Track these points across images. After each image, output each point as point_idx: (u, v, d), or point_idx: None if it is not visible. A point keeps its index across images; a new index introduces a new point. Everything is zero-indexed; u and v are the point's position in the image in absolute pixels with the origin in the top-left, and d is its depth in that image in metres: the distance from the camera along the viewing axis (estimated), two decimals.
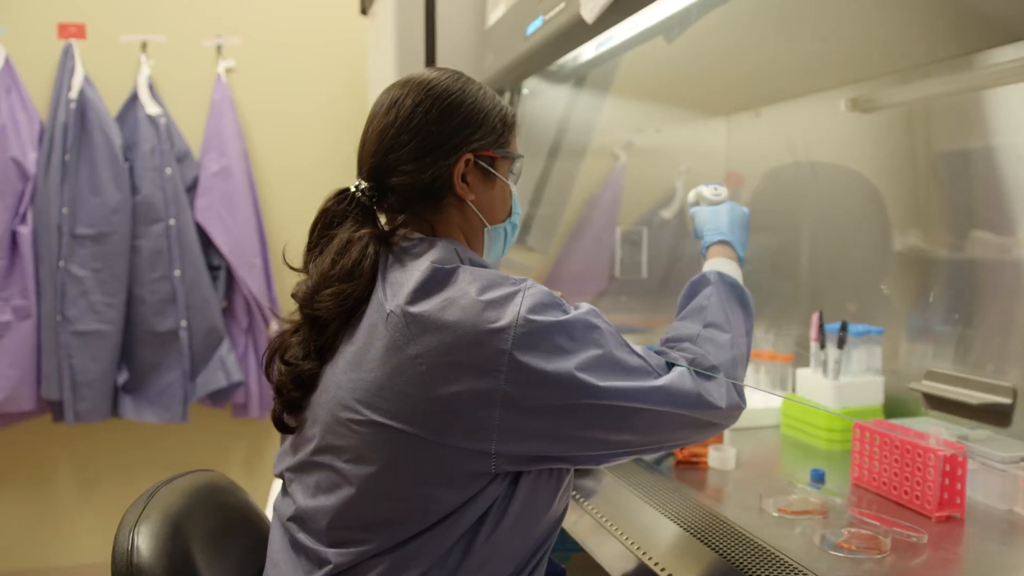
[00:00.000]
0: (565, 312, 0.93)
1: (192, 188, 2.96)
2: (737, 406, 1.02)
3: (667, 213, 2.42)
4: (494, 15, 2.00)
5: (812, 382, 1.62)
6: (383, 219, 1.06)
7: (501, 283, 0.92)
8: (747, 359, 1.09)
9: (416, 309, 0.90)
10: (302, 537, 0.98)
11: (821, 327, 1.60)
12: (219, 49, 3.03)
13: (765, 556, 1.03)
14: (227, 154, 2.97)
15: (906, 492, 1.21)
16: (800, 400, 1.62)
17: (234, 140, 2.99)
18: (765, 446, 1.60)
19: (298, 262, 1.06)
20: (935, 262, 1.59)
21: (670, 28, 1.50)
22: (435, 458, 0.90)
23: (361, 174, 1.04)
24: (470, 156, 1.02)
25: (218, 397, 3.01)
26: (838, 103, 1.74)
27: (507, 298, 0.90)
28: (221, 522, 1.12)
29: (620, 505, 1.28)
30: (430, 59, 2.20)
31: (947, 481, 1.17)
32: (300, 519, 0.99)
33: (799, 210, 1.95)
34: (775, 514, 1.19)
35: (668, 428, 0.97)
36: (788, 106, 1.98)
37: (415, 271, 0.93)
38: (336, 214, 1.02)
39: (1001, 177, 1.45)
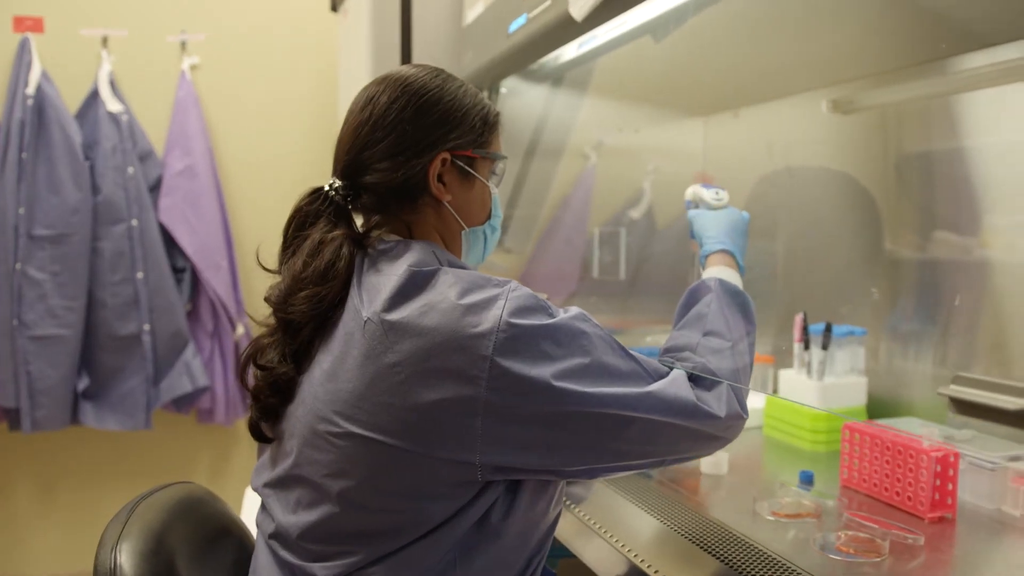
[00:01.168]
0: (551, 316, 0.89)
1: (155, 188, 2.87)
2: (738, 416, 0.98)
3: (635, 213, 2.42)
4: (473, 12, 1.97)
5: (796, 383, 1.63)
6: (359, 220, 1.02)
7: (483, 285, 0.89)
8: (750, 369, 1.06)
9: (394, 316, 0.86)
10: (286, 555, 0.94)
11: (805, 328, 1.60)
12: (183, 45, 2.95)
13: (766, 561, 1.02)
14: (192, 153, 2.89)
15: (898, 493, 1.21)
16: (798, 402, 1.61)
17: (199, 138, 2.91)
18: (749, 448, 1.59)
19: (271, 263, 1.02)
20: (912, 263, 1.60)
21: (657, 27, 1.49)
22: (418, 470, 0.87)
23: (336, 172, 1.01)
24: (446, 155, 0.98)
25: (183, 403, 2.93)
26: (817, 104, 1.75)
27: (489, 302, 0.87)
28: (203, 535, 1.07)
29: (613, 510, 1.26)
30: (406, 57, 2.16)
31: (938, 482, 1.17)
32: (282, 536, 0.95)
33: (775, 211, 1.95)
34: (769, 517, 1.19)
35: (663, 440, 0.93)
36: (766, 107, 1.99)
37: (392, 275, 0.89)
38: (310, 214, 0.99)
39: (967, 177, 1.48)
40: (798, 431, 1.57)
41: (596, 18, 1.37)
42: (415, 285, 0.88)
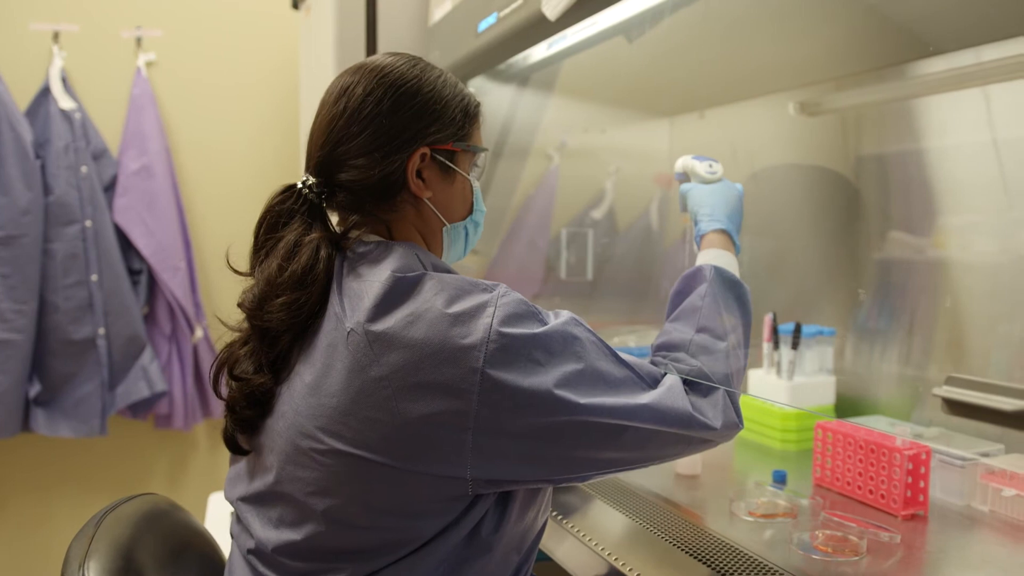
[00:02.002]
0: (542, 322, 0.86)
1: (110, 188, 2.79)
2: (734, 425, 0.95)
3: (597, 214, 2.42)
4: (440, 10, 1.95)
5: (765, 383, 1.64)
6: (334, 218, 0.98)
7: (471, 291, 0.85)
8: (744, 369, 1.03)
9: (378, 327, 0.82)
10: (266, 571, 0.90)
11: (775, 328, 1.62)
12: (139, 41, 2.87)
13: (748, 562, 1.01)
14: (148, 152, 2.81)
15: (871, 491, 1.23)
16: (771, 401, 1.62)
17: (156, 137, 2.83)
18: (721, 447, 1.56)
19: (239, 265, 0.96)
20: (877, 263, 1.62)
21: (631, 28, 1.48)
22: (407, 486, 0.83)
23: (308, 169, 0.96)
24: (426, 150, 0.94)
25: (139, 408, 2.85)
26: (783, 106, 1.77)
27: (477, 310, 0.83)
28: (171, 549, 1.03)
29: (587, 511, 1.25)
30: (371, 54, 2.13)
31: (911, 480, 1.19)
32: (261, 553, 0.91)
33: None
34: (747, 518, 1.19)
35: (657, 446, 0.90)
36: (732, 108, 2.01)
37: (374, 282, 0.85)
38: (282, 213, 0.93)
39: (930, 178, 1.50)
40: (769, 431, 1.58)
41: (569, 18, 1.36)
42: (399, 293, 0.84)
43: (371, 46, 2.12)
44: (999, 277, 1.38)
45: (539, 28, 1.46)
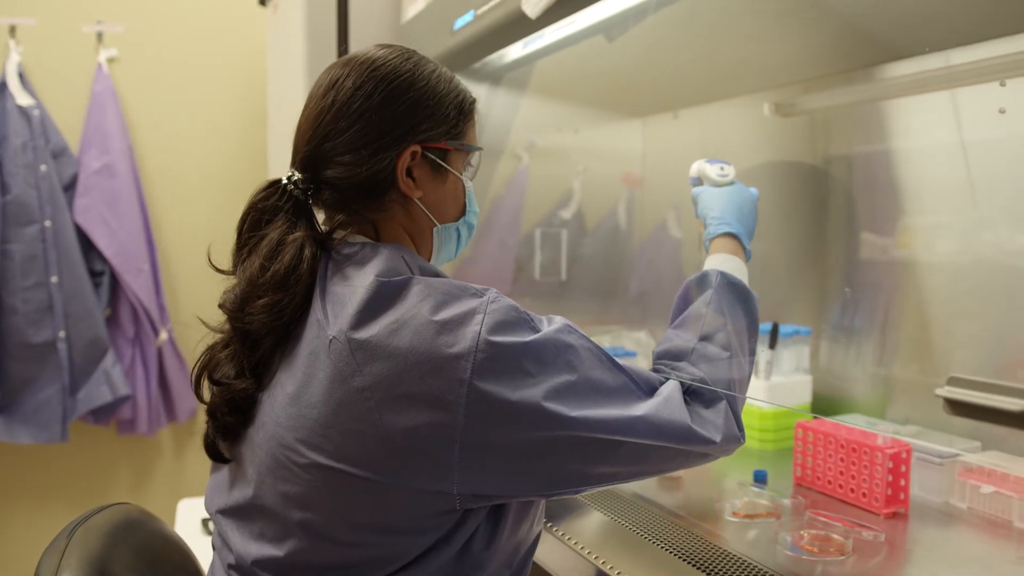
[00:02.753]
0: (534, 329, 0.82)
1: (70, 187, 2.71)
2: (735, 439, 0.91)
3: (566, 214, 2.42)
4: (413, 8, 1.92)
5: None
6: (320, 216, 0.94)
7: (459, 297, 0.81)
8: (748, 379, 1.00)
9: (362, 335, 0.78)
10: None
11: None
12: (100, 36, 2.79)
13: (737, 564, 1.01)
14: (110, 151, 2.74)
15: (852, 490, 1.23)
16: (751, 400, 1.62)
17: (118, 136, 2.76)
18: None
19: (200, 266, 0.93)
20: (851, 263, 1.64)
21: (612, 27, 1.47)
22: (392, 502, 0.79)
23: (294, 164, 0.92)
24: (417, 148, 0.90)
25: (102, 414, 2.77)
26: (756, 107, 1.78)
27: (465, 317, 0.79)
28: (146, 561, 0.99)
29: (571, 514, 1.24)
30: (343, 52, 2.09)
31: (891, 478, 1.19)
32: (243, 568, 0.87)
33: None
34: (731, 518, 1.19)
35: (654, 460, 0.86)
36: (705, 109, 2.01)
37: (358, 287, 0.82)
38: (266, 210, 0.89)
39: (899, 179, 1.52)
40: (747, 430, 1.57)
41: (550, 16, 1.35)
42: (384, 298, 0.80)
43: (342, 44, 2.09)
44: (967, 276, 1.40)
45: (518, 26, 1.45)
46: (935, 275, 1.47)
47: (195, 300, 2.87)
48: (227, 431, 0.88)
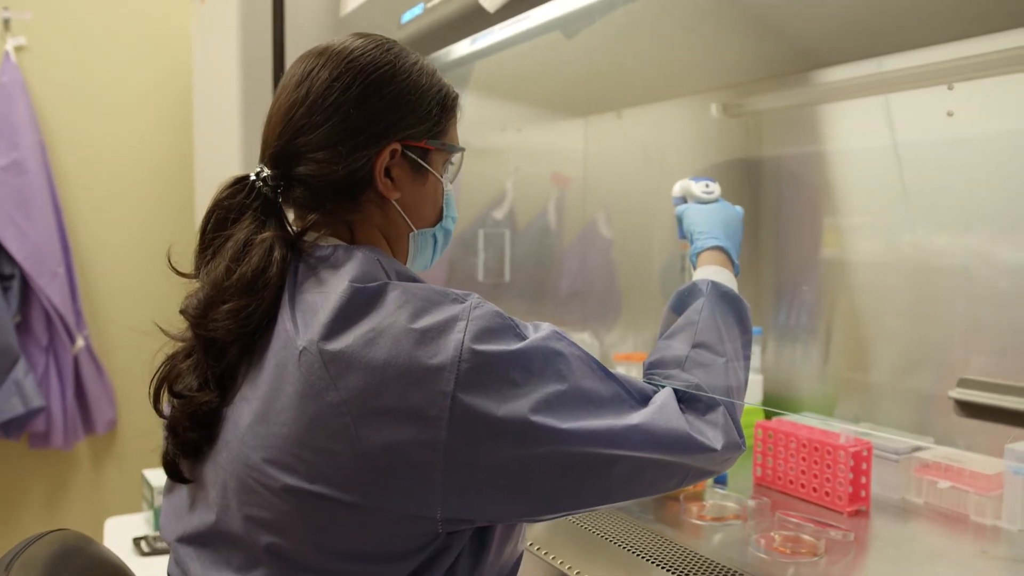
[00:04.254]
0: (520, 337, 0.77)
1: None
2: (736, 447, 0.87)
3: (498, 214, 2.39)
4: (353, 0, 1.85)
5: None
6: (290, 215, 0.88)
7: (439, 303, 0.76)
8: (745, 386, 0.97)
9: (335, 346, 0.73)
10: None
11: None
12: (6, 23, 2.61)
13: (708, 566, 1.00)
14: (19, 146, 2.57)
15: (815, 489, 1.24)
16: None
17: (28, 130, 2.59)
18: None
19: (186, 266, 0.85)
20: (802, 262, 1.67)
21: (570, 23, 1.45)
22: (369, 526, 0.74)
23: (263, 159, 0.86)
24: (397, 146, 0.85)
25: (13, 427, 2.59)
26: (700, 107, 1.79)
27: (447, 325, 0.74)
28: None
29: (536, 524, 1.21)
30: (278, 48, 2.01)
31: (853, 476, 1.21)
32: None
33: (654, 210, 1.99)
34: (697, 521, 1.18)
35: (650, 477, 0.81)
36: (648, 109, 2.02)
37: (331, 294, 0.76)
38: (232, 208, 0.83)
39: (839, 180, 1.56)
40: None
41: (507, 12, 1.31)
42: (358, 305, 0.75)
43: (278, 38, 2.00)
44: (905, 275, 1.43)
45: (472, 21, 1.41)
46: (878, 275, 1.50)
47: (115, 305, 2.72)
48: (188, 448, 0.81)
